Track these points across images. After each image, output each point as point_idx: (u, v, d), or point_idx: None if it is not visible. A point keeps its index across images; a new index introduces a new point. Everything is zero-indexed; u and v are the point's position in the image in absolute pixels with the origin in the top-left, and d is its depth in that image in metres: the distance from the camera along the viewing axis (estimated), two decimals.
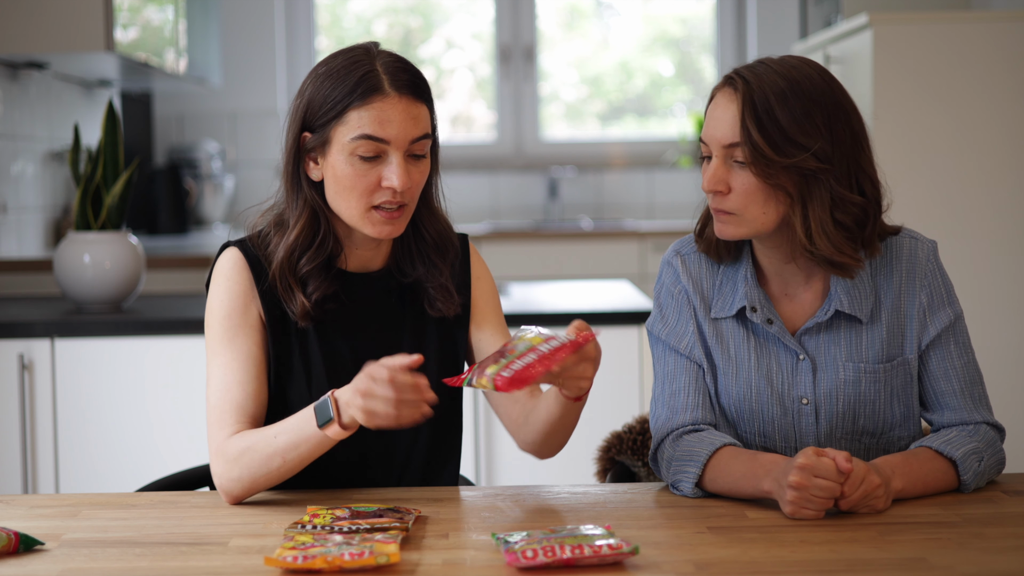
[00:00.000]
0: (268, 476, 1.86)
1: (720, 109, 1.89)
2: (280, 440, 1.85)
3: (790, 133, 1.84)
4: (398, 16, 6.53)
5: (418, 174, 1.93)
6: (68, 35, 4.05)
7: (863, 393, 1.94)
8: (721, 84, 1.91)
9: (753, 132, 1.84)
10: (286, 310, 1.97)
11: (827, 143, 1.85)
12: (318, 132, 1.92)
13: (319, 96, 1.92)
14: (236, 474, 1.87)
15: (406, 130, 1.90)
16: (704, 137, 1.92)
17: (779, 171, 1.85)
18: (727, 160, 1.89)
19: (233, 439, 1.89)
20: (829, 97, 1.87)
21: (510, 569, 1.57)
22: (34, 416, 3.32)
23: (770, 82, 1.86)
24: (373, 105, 1.89)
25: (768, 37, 6.18)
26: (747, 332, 1.97)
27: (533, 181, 6.34)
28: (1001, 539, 1.67)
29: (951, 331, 1.96)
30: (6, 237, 4.37)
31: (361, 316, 2.00)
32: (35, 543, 1.67)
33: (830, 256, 1.87)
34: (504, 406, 2.02)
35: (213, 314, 1.98)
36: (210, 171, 5.78)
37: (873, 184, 1.90)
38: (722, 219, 1.91)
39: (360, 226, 1.94)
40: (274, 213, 2.01)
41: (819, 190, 1.86)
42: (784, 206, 1.88)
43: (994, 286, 3.99)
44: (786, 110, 1.84)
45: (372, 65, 1.91)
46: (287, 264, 1.96)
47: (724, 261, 2.00)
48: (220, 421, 1.92)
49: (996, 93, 3.99)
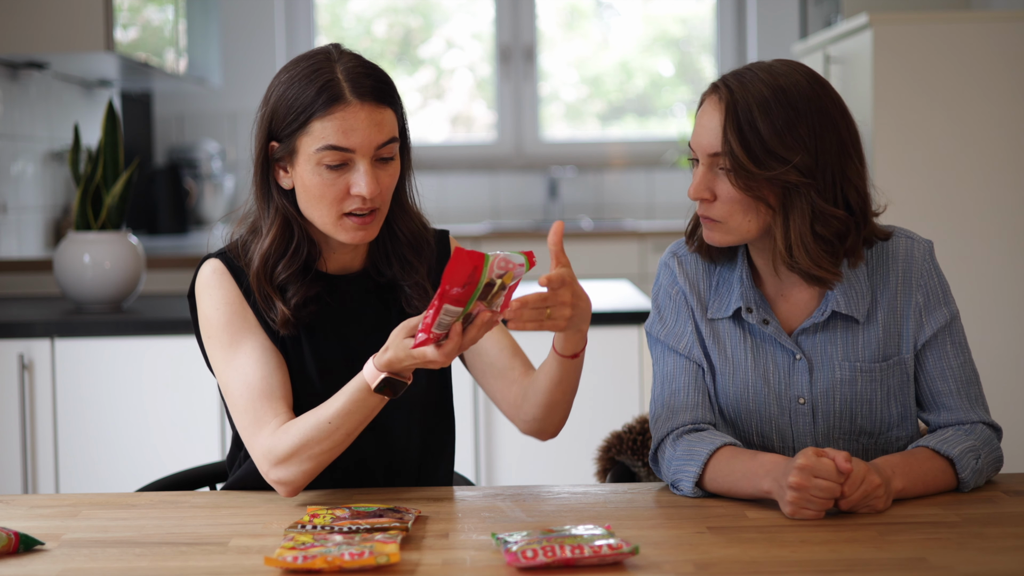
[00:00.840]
0: (333, 455, 1.86)
1: (706, 117, 1.90)
2: (338, 423, 1.83)
3: (771, 145, 1.84)
4: (398, 16, 6.53)
5: (387, 178, 1.92)
6: (68, 35, 4.05)
7: (859, 392, 1.94)
8: (709, 91, 1.91)
9: (734, 143, 1.84)
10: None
11: (810, 156, 1.84)
12: (284, 142, 1.91)
13: (282, 106, 1.91)
14: (296, 466, 1.85)
15: (370, 137, 1.88)
16: (691, 143, 1.92)
17: (760, 183, 1.85)
18: (712, 168, 1.89)
19: (279, 436, 1.86)
20: (816, 105, 1.86)
21: (510, 569, 1.57)
22: (34, 416, 3.32)
23: (755, 91, 1.85)
24: (335, 115, 1.87)
25: (768, 37, 6.18)
26: (743, 332, 1.97)
27: (533, 181, 6.34)
28: (1001, 539, 1.67)
29: (947, 331, 1.97)
30: (6, 237, 4.37)
31: (348, 317, 2.00)
32: (35, 543, 1.67)
33: (808, 269, 1.87)
34: (501, 390, 2.02)
35: (212, 325, 1.96)
36: (210, 171, 5.78)
37: (860, 194, 1.89)
38: (709, 225, 1.92)
39: (333, 233, 1.93)
40: (250, 220, 2.00)
41: (800, 202, 1.85)
42: (767, 216, 1.88)
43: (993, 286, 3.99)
44: (768, 121, 1.84)
45: (333, 73, 1.89)
46: (263, 272, 1.95)
47: (717, 262, 2.00)
48: (255, 423, 1.89)
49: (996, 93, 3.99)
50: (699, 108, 1.92)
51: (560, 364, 1.89)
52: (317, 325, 1.99)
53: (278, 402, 1.90)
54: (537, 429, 2.00)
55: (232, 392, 1.92)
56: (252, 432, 1.89)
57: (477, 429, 3.39)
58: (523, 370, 2.00)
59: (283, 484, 1.87)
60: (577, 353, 1.87)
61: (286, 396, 1.92)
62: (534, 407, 1.96)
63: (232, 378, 1.92)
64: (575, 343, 1.86)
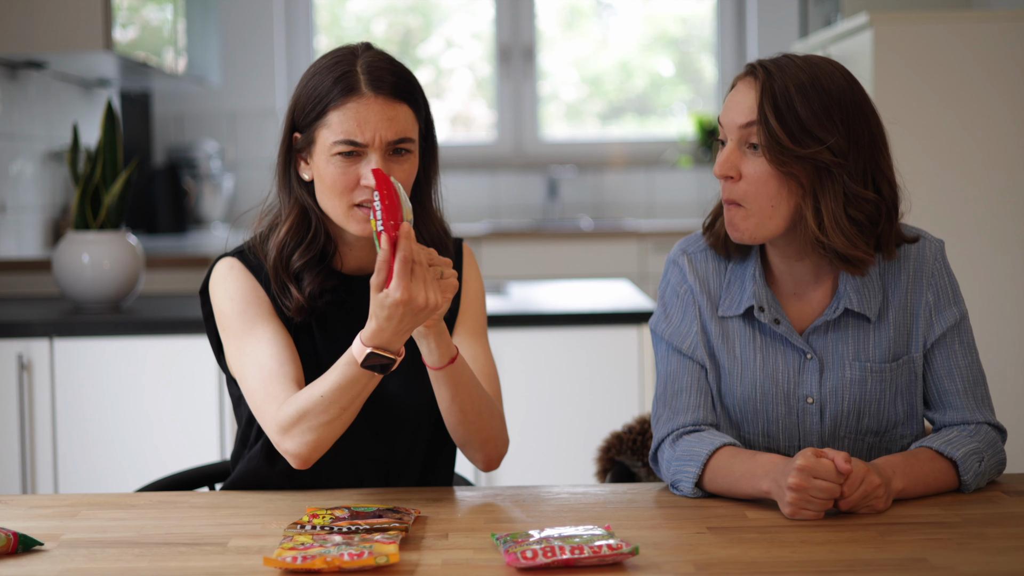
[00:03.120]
0: (332, 428, 1.85)
1: (740, 95, 1.88)
2: (333, 397, 1.83)
3: (807, 125, 1.83)
4: (398, 16, 6.53)
5: (400, 173, 1.92)
6: (67, 35, 4.05)
7: (868, 392, 1.94)
8: (743, 73, 1.90)
9: (770, 118, 1.83)
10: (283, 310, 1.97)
11: (844, 139, 1.84)
12: (305, 132, 1.95)
13: (303, 96, 1.95)
14: (299, 436, 1.85)
15: (382, 131, 1.90)
16: (721, 119, 1.90)
17: (793, 160, 1.84)
18: (741, 145, 1.87)
19: (284, 407, 1.87)
20: (849, 96, 1.87)
21: (510, 569, 1.56)
22: (33, 416, 3.32)
23: (792, 75, 1.86)
24: (349, 105, 1.90)
25: (768, 37, 6.18)
26: (753, 332, 1.97)
27: (533, 181, 6.33)
28: (1001, 539, 1.67)
29: (956, 330, 1.96)
30: (5, 237, 4.37)
31: (362, 317, 2.00)
32: (34, 543, 1.67)
33: (842, 250, 1.86)
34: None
35: (226, 316, 1.98)
36: (209, 171, 5.78)
37: (891, 185, 1.89)
38: (731, 211, 1.90)
39: (344, 224, 1.94)
40: (271, 215, 2.02)
41: (832, 184, 1.85)
42: (795, 198, 1.86)
43: (994, 286, 3.99)
44: (805, 102, 1.84)
45: (352, 65, 1.92)
46: (279, 260, 1.97)
47: (732, 257, 1.98)
48: (266, 400, 1.90)
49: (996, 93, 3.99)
50: (731, 89, 1.91)
51: (438, 380, 1.89)
52: (330, 322, 1.99)
53: (290, 382, 1.91)
54: (471, 456, 1.99)
55: (246, 375, 1.93)
56: (264, 409, 1.91)
57: None
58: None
59: (291, 455, 1.88)
60: (443, 365, 1.86)
61: (298, 377, 1.93)
62: (451, 431, 1.96)
63: (246, 362, 1.94)
64: (434, 349, 1.85)
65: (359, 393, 1.84)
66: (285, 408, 1.87)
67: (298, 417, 1.85)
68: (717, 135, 1.92)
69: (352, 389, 1.83)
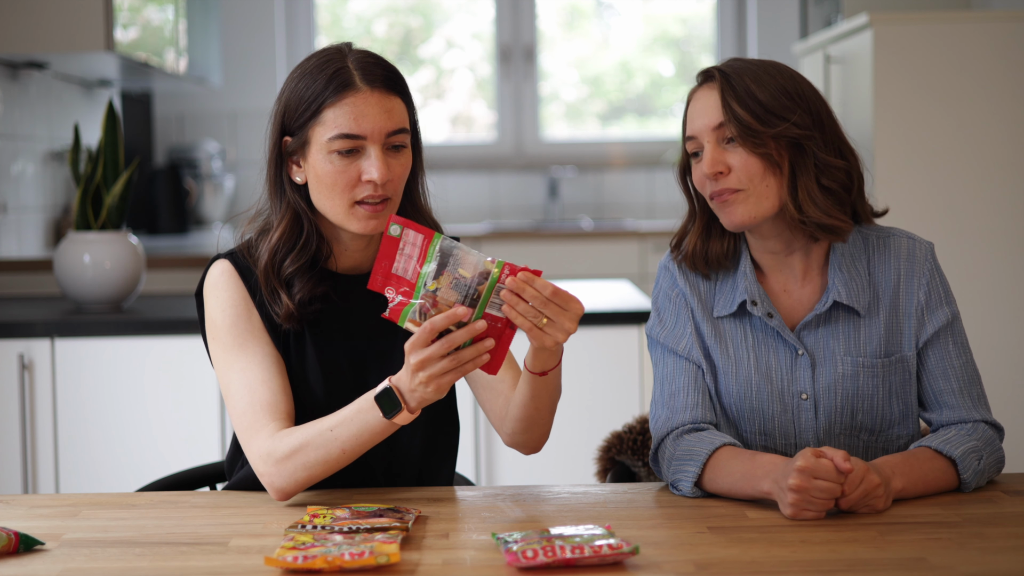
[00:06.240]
0: (327, 468, 1.86)
1: (703, 101, 1.95)
2: (339, 432, 1.83)
3: (770, 107, 1.91)
4: (398, 16, 6.53)
5: (399, 167, 1.93)
6: (68, 35, 4.05)
7: (861, 388, 1.95)
8: (700, 82, 1.98)
9: (737, 108, 1.91)
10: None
11: (806, 114, 1.92)
12: (297, 134, 1.94)
13: (294, 99, 1.94)
14: (290, 471, 1.85)
15: (381, 123, 1.91)
16: (690, 132, 1.96)
17: (768, 140, 1.90)
18: (719, 143, 1.93)
19: (280, 438, 1.87)
20: (798, 79, 1.96)
21: (510, 569, 1.57)
22: (34, 416, 3.32)
23: (745, 70, 1.94)
24: (346, 101, 1.90)
25: (768, 37, 6.18)
26: (746, 331, 1.98)
27: (533, 181, 6.33)
28: (1001, 539, 1.67)
29: (949, 330, 1.97)
30: (6, 237, 4.37)
31: (355, 318, 2.00)
32: (35, 543, 1.67)
33: (819, 220, 1.91)
34: (488, 401, 2.02)
35: (217, 326, 1.97)
36: (210, 171, 5.78)
37: (852, 153, 1.97)
38: (728, 200, 1.92)
39: (346, 223, 1.94)
40: (261, 219, 2.02)
41: (805, 158, 1.92)
42: (778, 178, 1.92)
43: (993, 286, 3.99)
44: (763, 89, 1.92)
45: (343, 62, 1.93)
46: (271, 266, 1.96)
47: (703, 272, 2.01)
48: (254, 425, 1.90)
49: (996, 93, 3.99)
50: (689, 102, 1.97)
51: (530, 381, 1.89)
52: (322, 324, 1.99)
53: (277, 409, 1.91)
54: (518, 443, 2.00)
55: (232, 395, 1.93)
56: (250, 435, 1.90)
57: (477, 429, 3.39)
58: (512, 383, 2.00)
59: (275, 488, 1.87)
60: (547, 371, 1.87)
61: (286, 403, 1.93)
62: (512, 421, 1.97)
63: (233, 381, 1.93)
64: (544, 360, 1.86)
65: (363, 432, 1.83)
66: (283, 439, 1.86)
67: (296, 450, 1.85)
68: (689, 153, 1.97)
69: (358, 425, 1.83)
